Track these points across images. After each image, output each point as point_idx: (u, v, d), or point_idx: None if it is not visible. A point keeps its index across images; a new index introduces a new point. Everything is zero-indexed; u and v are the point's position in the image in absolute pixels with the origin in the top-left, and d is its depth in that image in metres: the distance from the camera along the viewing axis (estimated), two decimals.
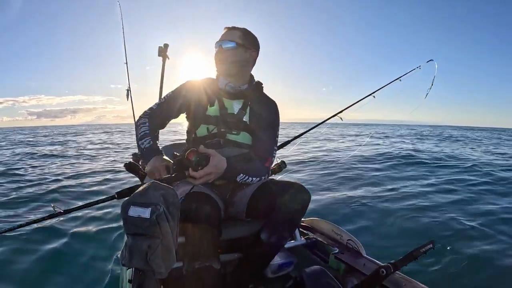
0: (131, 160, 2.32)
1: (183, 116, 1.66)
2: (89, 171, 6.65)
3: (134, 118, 3.09)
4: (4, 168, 6.92)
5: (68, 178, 5.88)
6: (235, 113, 1.56)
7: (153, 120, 1.58)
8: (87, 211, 3.66)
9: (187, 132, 1.64)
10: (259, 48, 1.62)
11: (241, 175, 1.44)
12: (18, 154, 10.05)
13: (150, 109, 1.61)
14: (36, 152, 10.73)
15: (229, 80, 1.56)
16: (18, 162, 8.22)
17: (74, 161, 8.40)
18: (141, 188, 1.21)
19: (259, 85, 1.65)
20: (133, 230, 1.13)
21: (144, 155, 1.50)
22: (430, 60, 2.80)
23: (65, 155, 9.63)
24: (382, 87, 2.73)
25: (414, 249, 1.33)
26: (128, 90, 2.99)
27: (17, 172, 6.45)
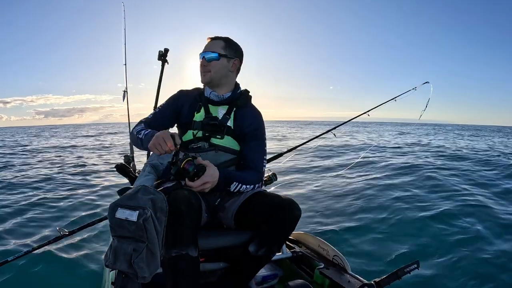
0: (122, 162, 2.32)
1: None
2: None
3: (129, 119, 3.09)
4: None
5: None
6: (219, 117, 1.58)
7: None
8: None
9: None
10: (242, 56, 1.64)
11: (235, 183, 1.45)
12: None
13: (146, 118, 1.64)
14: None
15: (213, 89, 1.60)
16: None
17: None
18: (130, 190, 1.21)
19: (245, 93, 1.68)
20: (119, 233, 1.12)
21: (145, 140, 1.46)
22: (426, 82, 2.85)
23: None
24: (378, 106, 2.78)
25: (399, 269, 1.33)
26: (125, 92, 2.99)
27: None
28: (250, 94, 1.69)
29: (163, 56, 2.73)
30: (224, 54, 1.56)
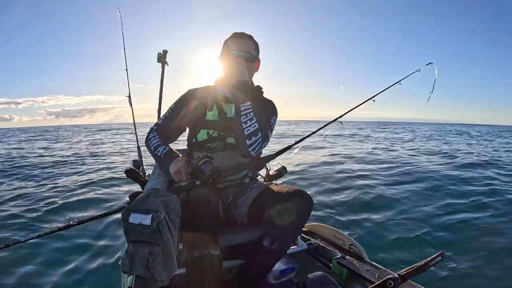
0: (131, 166, 2.32)
1: None
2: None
3: (134, 123, 3.11)
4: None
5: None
6: (233, 116, 1.54)
7: (161, 135, 1.60)
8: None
9: (188, 138, 1.65)
10: None
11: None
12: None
13: (156, 124, 1.63)
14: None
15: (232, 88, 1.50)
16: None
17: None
18: (141, 194, 1.20)
19: (258, 89, 1.65)
20: (134, 237, 1.12)
21: (162, 161, 1.50)
22: (430, 63, 2.79)
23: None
24: (382, 91, 2.73)
25: (423, 262, 1.30)
26: (129, 97, 3.01)
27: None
28: (262, 90, 1.66)
29: (162, 58, 2.72)
30: (255, 55, 1.55)
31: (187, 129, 1.66)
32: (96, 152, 11.46)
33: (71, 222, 1.49)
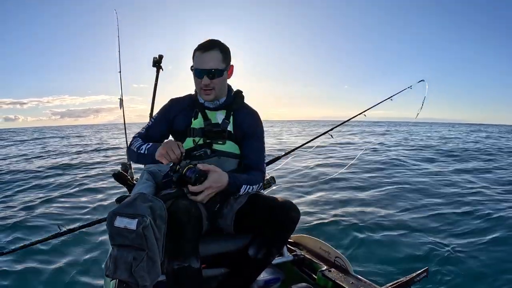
0: (119, 169, 2.30)
1: None
2: None
3: (125, 126, 3.10)
4: None
5: None
6: (219, 123, 1.56)
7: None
8: None
9: None
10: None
11: (244, 186, 1.45)
12: None
13: (139, 133, 1.61)
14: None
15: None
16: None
17: None
18: (128, 198, 1.20)
19: (239, 94, 1.65)
20: (119, 241, 1.11)
21: (148, 155, 1.45)
22: (421, 80, 2.86)
23: None
24: (374, 106, 2.78)
25: (408, 277, 1.30)
26: (121, 99, 3.00)
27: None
28: (243, 94, 1.67)
29: (157, 63, 2.73)
30: (225, 67, 1.50)
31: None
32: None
33: (61, 229, 1.47)
